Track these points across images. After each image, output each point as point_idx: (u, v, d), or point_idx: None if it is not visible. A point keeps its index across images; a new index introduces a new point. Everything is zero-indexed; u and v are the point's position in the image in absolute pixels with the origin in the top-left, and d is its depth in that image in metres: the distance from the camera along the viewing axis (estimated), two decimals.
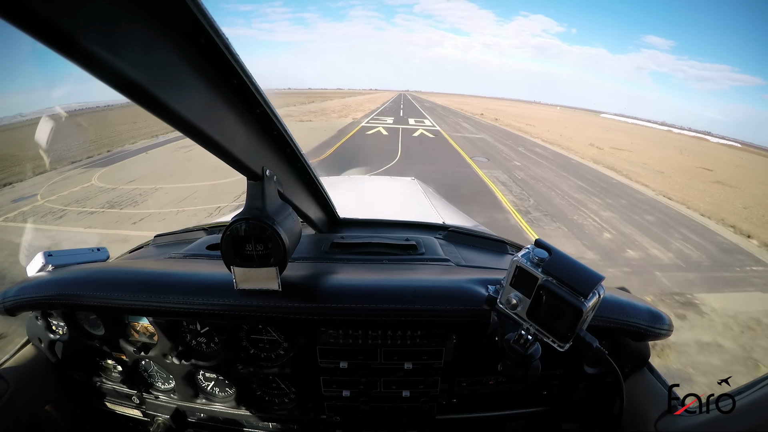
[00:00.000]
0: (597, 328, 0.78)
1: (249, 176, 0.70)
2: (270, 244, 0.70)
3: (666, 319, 0.85)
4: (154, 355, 0.94)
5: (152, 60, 0.40)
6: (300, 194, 1.00)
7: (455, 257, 1.16)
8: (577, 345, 0.65)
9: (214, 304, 0.79)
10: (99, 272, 0.93)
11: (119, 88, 0.39)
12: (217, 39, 0.45)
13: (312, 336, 0.86)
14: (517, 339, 0.68)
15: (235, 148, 0.60)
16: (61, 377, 1.05)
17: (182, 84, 0.46)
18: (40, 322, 0.99)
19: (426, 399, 0.91)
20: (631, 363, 0.92)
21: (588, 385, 0.95)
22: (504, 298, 0.69)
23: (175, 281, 0.85)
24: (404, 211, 2.22)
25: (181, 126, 0.49)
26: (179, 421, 1.01)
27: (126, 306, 0.85)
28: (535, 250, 0.65)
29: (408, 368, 0.87)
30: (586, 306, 0.59)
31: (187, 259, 1.14)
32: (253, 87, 0.57)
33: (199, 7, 0.41)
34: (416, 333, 0.85)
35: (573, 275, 0.61)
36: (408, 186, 2.87)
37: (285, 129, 0.73)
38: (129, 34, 0.37)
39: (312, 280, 0.86)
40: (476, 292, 0.81)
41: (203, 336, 0.93)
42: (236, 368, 0.92)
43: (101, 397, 1.07)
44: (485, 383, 0.93)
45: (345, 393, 0.90)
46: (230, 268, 0.73)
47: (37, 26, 0.30)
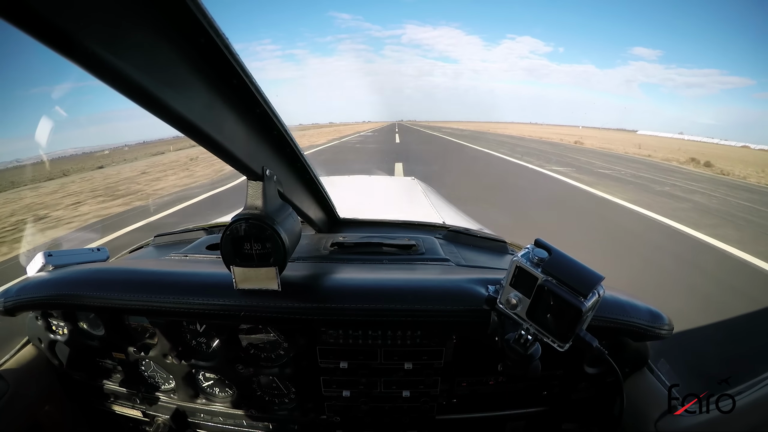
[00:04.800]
0: (597, 328, 0.78)
1: (249, 176, 0.70)
2: (270, 244, 0.70)
3: (666, 319, 0.85)
4: (154, 355, 0.94)
5: (152, 60, 0.40)
6: (300, 194, 1.01)
7: (455, 257, 1.16)
8: (577, 345, 0.65)
9: (214, 304, 0.79)
10: (99, 272, 0.93)
11: (119, 89, 0.39)
12: (217, 39, 0.45)
13: (312, 336, 0.86)
14: (517, 339, 0.68)
15: (235, 148, 0.60)
16: (61, 377, 1.05)
17: (182, 84, 0.46)
18: (40, 322, 0.99)
19: (426, 399, 0.91)
20: (631, 363, 0.92)
21: (588, 385, 0.95)
22: (504, 298, 0.69)
23: (175, 281, 0.85)
24: (404, 211, 2.22)
25: (181, 126, 0.49)
26: (179, 422, 1.01)
27: (126, 306, 0.85)
28: (535, 250, 0.65)
29: (408, 368, 0.87)
30: (586, 306, 0.59)
31: (187, 259, 1.14)
32: (253, 87, 0.57)
33: (199, 7, 0.41)
34: (416, 333, 0.85)
35: (573, 275, 0.61)
36: (408, 186, 2.87)
37: (285, 129, 0.73)
38: (129, 35, 0.37)
39: (312, 280, 0.86)
40: (476, 292, 0.81)
41: (203, 336, 0.93)
42: (236, 368, 0.92)
43: (101, 398, 1.07)
44: (485, 383, 0.93)
45: (345, 393, 0.90)
46: (230, 267, 0.73)
47: (38, 27, 0.30)
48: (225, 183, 9.32)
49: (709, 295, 3.46)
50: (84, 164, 18.67)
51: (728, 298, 3.39)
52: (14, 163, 30.19)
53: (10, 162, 33.25)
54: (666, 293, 3.44)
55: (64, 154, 20.34)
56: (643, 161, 17.16)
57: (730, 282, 3.77)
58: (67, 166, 18.56)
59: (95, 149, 32.17)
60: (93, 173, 16.43)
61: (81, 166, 18.42)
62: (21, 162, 29.88)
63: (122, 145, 42.96)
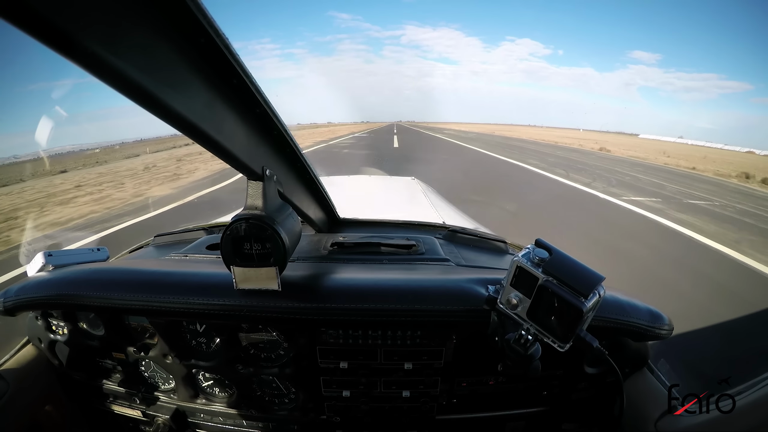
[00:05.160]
0: (597, 328, 0.78)
1: (249, 176, 0.70)
2: (270, 244, 0.70)
3: (666, 319, 0.85)
4: (154, 355, 0.94)
5: (152, 60, 0.40)
6: (300, 194, 1.01)
7: (455, 257, 1.16)
8: (577, 345, 0.65)
9: (214, 304, 0.79)
10: (99, 272, 0.93)
11: (119, 89, 0.39)
12: (217, 39, 0.45)
13: (312, 336, 0.86)
14: (517, 339, 0.68)
15: (235, 148, 0.60)
16: (61, 377, 1.05)
17: (182, 84, 0.46)
18: (40, 322, 0.99)
19: (426, 399, 0.91)
20: (631, 363, 0.92)
21: (588, 385, 0.95)
22: (504, 298, 0.69)
23: (175, 281, 0.85)
24: (404, 211, 2.22)
25: (181, 126, 0.49)
26: (179, 422, 1.01)
27: (126, 306, 0.84)
28: (536, 250, 0.65)
29: (408, 368, 0.87)
30: (587, 306, 0.59)
31: (187, 259, 1.14)
32: (253, 87, 0.57)
33: (199, 7, 0.41)
34: (416, 333, 0.85)
35: (573, 275, 0.61)
36: (408, 186, 2.87)
37: (285, 129, 0.73)
38: (129, 35, 0.37)
39: (312, 280, 0.86)
40: (476, 292, 0.81)
41: (203, 336, 0.93)
42: (236, 368, 0.92)
43: (101, 398, 1.07)
44: (485, 383, 0.93)
45: (345, 393, 0.90)
46: (230, 267, 0.73)
47: (38, 27, 0.30)
48: (150, 210, 7.02)
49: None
50: (55, 166, 14.97)
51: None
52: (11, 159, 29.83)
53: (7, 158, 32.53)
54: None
55: (62, 151, 18.70)
56: (702, 179, 14.00)
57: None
58: (37, 169, 15.30)
59: (92, 146, 31.55)
60: (36, 182, 12.77)
61: (42, 169, 14.85)
62: (18, 158, 29.20)
63: (119, 143, 42.14)
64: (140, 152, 22.81)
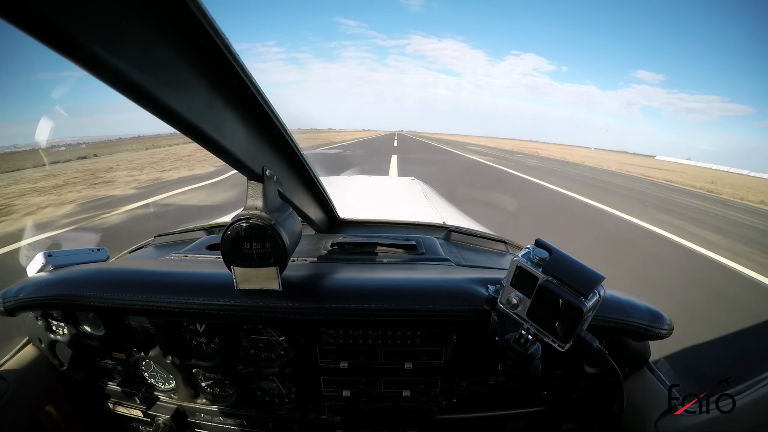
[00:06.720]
0: (597, 327, 0.78)
1: (249, 176, 0.70)
2: (270, 244, 0.70)
3: (666, 318, 0.85)
4: (154, 355, 0.94)
5: (152, 60, 0.40)
6: (300, 194, 1.00)
7: (455, 257, 1.16)
8: (578, 345, 0.65)
9: (214, 304, 0.79)
10: (99, 272, 0.93)
11: (119, 88, 0.39)
12: (217, 39, 0.45)
13: (312, 336, 0.86)
14: (517, 339, 0.68)
15: (235, 148, 0.60)
16: (61, 377, 1.05)
17: (182, 84, 0.46)
18: (40, 323, 0.99)
19: (426, 399, 0.91)
20: (631, 363, 0.92)
21: (588, 385, 0.95)
22: (504, 298, 0.69)
23: (175, 281, 0.85)
24: (404, 211, 2.22)
25: (181, 126, 0.49)
26: (180, 422, 1.01)
27: (126, 306, 0.84)
28: (536, 250, 0.65)
29: (408, 368, 0.87)
30: (587, 306, 0.59)
31: (187, 259, 1.14)
32: (253, 87, 0.57)
33: (199, 7, 0.41)
34: (416, 333, 0.85)
35: (574, 275, 0.61)
36: (408, 186, 2.87)
37: (285, 129, 0.73)
38: (129, 35, 0.37)
39: (312, 280, 0.86)
40: (476, 292, 0.81)
41: (203, 336, 0.93)
42: (236, 368, 0.92)
43: (102, 398, 1.07)
44: (485, 383, 0.93)
45: (345, 393, 0.90)
46: (230, 267, 0.72)
47: (38, 27, 0.30)
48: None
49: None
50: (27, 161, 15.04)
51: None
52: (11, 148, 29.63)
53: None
54: None
55: (61, 143, 18.56)
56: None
57: None
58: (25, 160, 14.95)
59: (95, 140, 31.52)
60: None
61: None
62: (18, 147, 28.90)
63: (117, 138, 42.42)
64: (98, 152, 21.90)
